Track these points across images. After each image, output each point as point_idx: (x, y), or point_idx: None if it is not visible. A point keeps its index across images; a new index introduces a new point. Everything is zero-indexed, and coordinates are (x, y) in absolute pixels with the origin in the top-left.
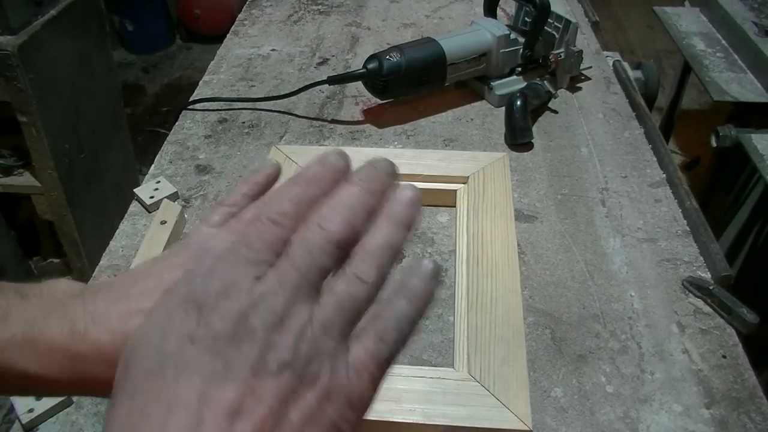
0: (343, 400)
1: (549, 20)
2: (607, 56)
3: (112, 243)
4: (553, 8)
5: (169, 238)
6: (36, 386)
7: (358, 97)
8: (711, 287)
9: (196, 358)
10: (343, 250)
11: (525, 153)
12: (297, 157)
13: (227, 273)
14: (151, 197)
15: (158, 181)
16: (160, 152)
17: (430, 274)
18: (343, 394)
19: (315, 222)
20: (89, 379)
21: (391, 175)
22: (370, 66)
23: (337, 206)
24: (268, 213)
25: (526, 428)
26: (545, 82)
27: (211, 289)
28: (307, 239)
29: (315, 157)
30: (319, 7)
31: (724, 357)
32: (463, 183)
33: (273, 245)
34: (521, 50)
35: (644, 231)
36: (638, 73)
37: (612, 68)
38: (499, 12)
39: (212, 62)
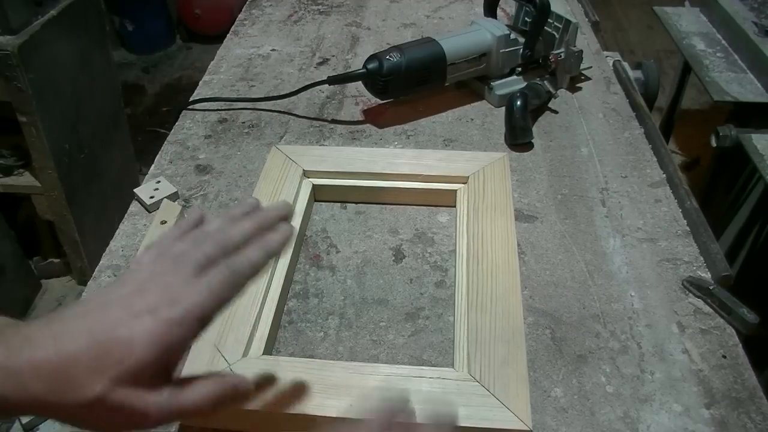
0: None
1: (549, 20)
2: (607, 56)
3: (112, 243)
4: (553, 8)
5: None
6: None
7: (358, 97)
8: (711, 287)
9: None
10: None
11: (525, 153)
12: (297, 157)
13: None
14: (151, 197)
15: (158, 181)
16: (160, 152)
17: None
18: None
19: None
20: (28, 397)
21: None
22: (370, 66)
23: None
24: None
25: (526, 428)
26: (545, 82)
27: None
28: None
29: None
30: (319, 7)
31: (724, 357)
32: (463, 183)
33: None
34: (521, 50)
35: (644, 231)
36: (638, 73)
37: (612, 68)
38: (499, 12)
39: (212, 62)
